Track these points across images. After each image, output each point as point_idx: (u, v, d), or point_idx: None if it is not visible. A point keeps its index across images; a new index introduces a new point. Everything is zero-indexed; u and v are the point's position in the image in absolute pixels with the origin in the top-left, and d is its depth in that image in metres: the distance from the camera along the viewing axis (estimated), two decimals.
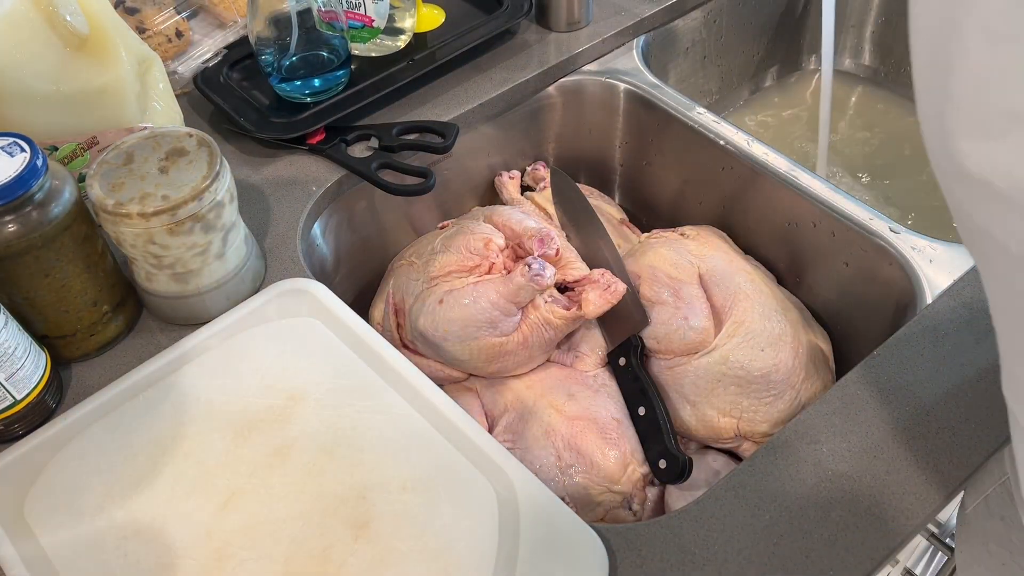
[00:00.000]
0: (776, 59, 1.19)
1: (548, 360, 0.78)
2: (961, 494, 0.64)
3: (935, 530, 0.68)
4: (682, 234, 0.83)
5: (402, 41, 0.92)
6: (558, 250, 0.75)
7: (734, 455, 0.75)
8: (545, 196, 0.91)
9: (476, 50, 0.93)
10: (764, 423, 0.72)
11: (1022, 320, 0.41)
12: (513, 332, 0.73)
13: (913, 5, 0.38)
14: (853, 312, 0.81)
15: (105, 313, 0.68)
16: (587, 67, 0.96)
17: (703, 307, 0.74)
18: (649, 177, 0.99)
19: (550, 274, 0.71)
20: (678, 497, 0.71)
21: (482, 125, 0.92)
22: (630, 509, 0.70)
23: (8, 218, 0.59)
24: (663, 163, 0.96)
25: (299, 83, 0.85)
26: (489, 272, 0.75)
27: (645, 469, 0.71)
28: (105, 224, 0.64)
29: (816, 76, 1.23)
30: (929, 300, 0.70)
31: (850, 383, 0.64)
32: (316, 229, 0.82)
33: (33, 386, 0.62)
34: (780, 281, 0.85)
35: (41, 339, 0.66)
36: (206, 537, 0.56)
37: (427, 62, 0.89)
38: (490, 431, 0.72)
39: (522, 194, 0.95)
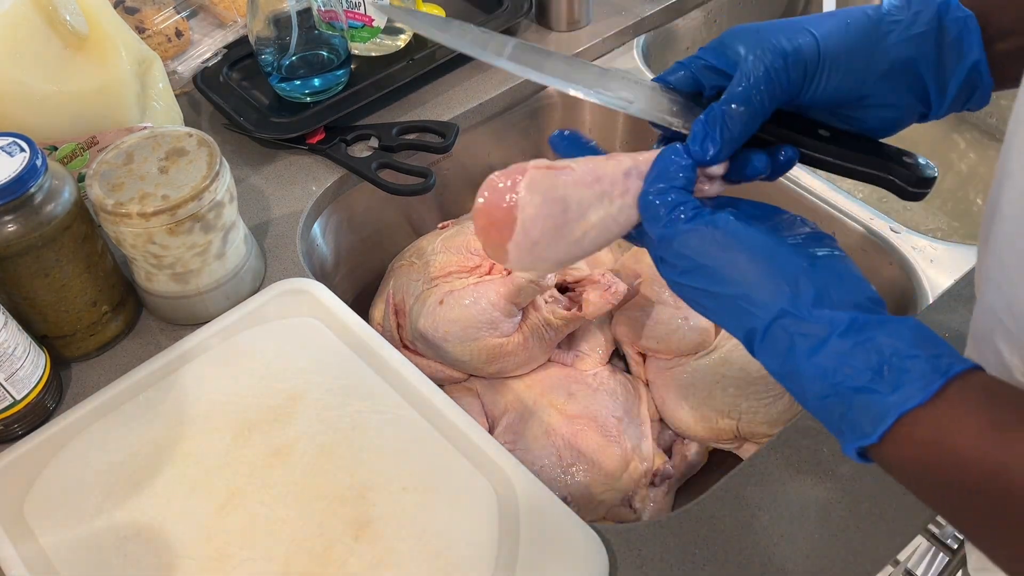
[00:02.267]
0: None
1: (548, 360, 0.78)
2: None
3: (935, 530, 0.68)
4: None
5: (402, 41, 0.92)
6: None
7: (734, 455, 0.75)
8: None
9: None
10: (764, 424, 0.72)
11: None
12: (513, 333, 0.73)
13: None
14: None
15: (105, 313, 0.68)
16: None
17: None
18: None
19: (550, 275, 0.71)
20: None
21: (482, 125, 0.92)
22: (631, 507, 0.70)
23: (8, 218, 0.59)
24: None
25: (299, 83, 0.85)
26: (489, 273, 0.75)
27: (646, 466, 0.71)
28: (105, 224, 0.64)
29: None
30: (930, 300, 0.70)
31: None
32: (316, 229, 0.82)
33: (33, 386, 0.62)
34: None
35: (41, 339, 0.65)
36: (206, 537, 0.56)
37: (427, 62, 0.89)
38: (491, 431, 0.72)
39: None
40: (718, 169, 0.44)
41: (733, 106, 0.43)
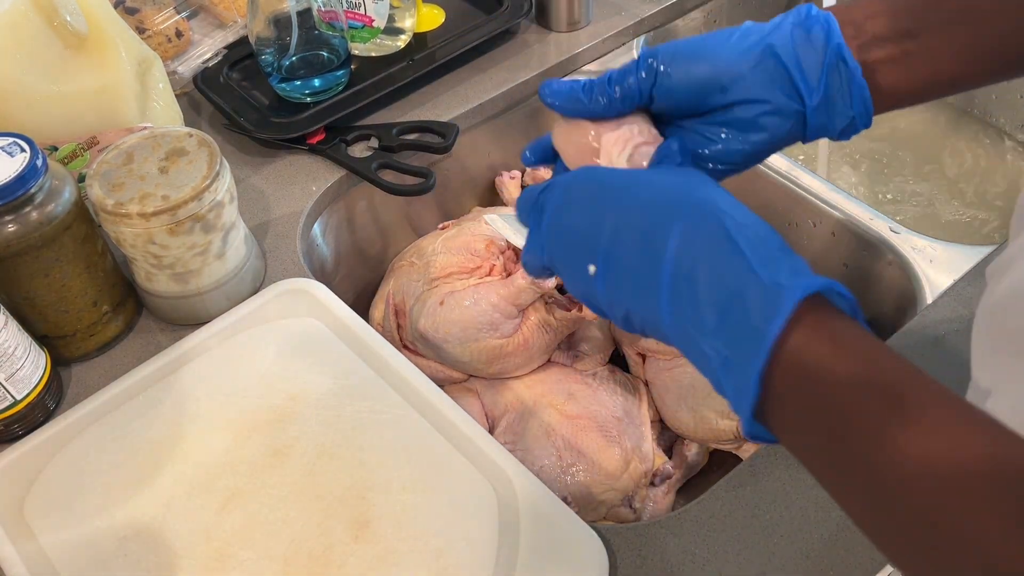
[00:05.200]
0: None
1: (548, 360, 0.78)
2: None
3: None
4: None
5: (402, 41, 0.92)
6: None
7: (734, 455, 0.75)
8: None
9: (476, 50, 0.93)
10: None
11: None
12: (514, 334, 0.73)
13: None
14: None
15: (105, 313, 0.68)
16: (587, 67, 0.96)
17: None
18: None
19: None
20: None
21: (482, 125, 0.92)
22: (631, 507, 0.70)
23: (8, 218, 0.59)
24: None
25: (299, 83, 0.85)
26: (490, 274, 0.75)
27: (646, 466, 0.71)
28: (105, 224, 0.64)
29: None
30: (929, 300, 0.70)
31: None
32: (316, 229, 0.82)
33: (33, 386, 0.62)
34: None
35: (41, 339, 0.65)
36: (206, 537, 0.56)
37: (427, 62, 0.89)
38: (491, 431, 0.72)
39: None
40: None
41: None
